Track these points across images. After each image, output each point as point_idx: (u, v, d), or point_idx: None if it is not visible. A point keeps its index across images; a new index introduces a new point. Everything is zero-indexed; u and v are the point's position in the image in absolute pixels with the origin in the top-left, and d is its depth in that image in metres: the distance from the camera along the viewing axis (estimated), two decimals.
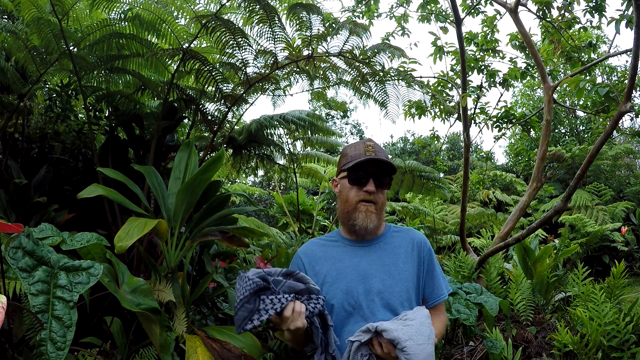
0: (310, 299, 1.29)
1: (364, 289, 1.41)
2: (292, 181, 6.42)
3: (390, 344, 1.27)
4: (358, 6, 5.39)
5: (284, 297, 1.24)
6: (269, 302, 1.22)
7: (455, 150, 16.09)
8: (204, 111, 3.47)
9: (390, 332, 1.26)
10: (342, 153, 1.57)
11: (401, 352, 1.24)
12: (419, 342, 1.26)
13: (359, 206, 1.46)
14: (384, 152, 1.53)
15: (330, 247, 1.54)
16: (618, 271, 3.61)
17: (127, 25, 2.90)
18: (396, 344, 1.25)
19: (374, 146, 1.49)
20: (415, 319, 1.32)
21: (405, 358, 1.24)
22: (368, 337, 1.30)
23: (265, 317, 1.21)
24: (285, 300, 1.23)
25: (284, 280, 1.28)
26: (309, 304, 1.28)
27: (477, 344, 3.72)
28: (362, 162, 1.44)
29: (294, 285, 1.29)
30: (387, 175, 1.49)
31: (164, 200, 2.35)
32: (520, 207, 4.51)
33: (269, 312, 1.21)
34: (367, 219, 1.45)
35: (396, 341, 1.25)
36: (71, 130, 3.62)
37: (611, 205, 9.36)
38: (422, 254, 1.52)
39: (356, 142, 1.54)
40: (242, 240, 2.50)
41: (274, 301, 1.22)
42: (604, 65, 6.56)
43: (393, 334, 1.26)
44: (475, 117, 5.15)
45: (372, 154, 1.45)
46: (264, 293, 1.23)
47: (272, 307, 1.21)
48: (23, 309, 1.59)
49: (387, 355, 1.28)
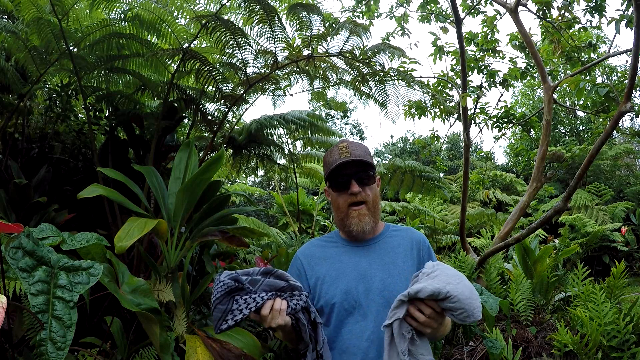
0: (292, 295, 1.28)
1: (364, 288, 1.41)
2: (292, 181, 6.42)
3: (431, 301, 1.21)
4: (358, 6, 5.39)
5: (260, 296, 1.24)
6: (243, 302, 1.22)
7: (455, 150, 16.09)
8: (204, 111, 3.47)
9: (425, 289, 1.20)
10: (323, 162, 1.56)
11: (446, 301, 1.19)
12: (457, 282, 1.21)
13: (350, 212, 1.45)
14: (362, 147, 1.50)
15: (329, 248, 1.54)
16: (618, 271, 3.61)
17: (127, 25, 2.90)
18: (437, 296, 1.19)
19: (347, 147, 1.47)
20: (437, 269, 1.27)
21: (453, 302, 1.18)
22: (404, 310, 1.24)
23: (240, 316, 1.21)
24: (261, 299, 1.23)
25: (262, 279, 1.28)
26: (291, 301, 1.27)
27: (477, 344, 3.72)
28: (336, 167, 1.44)
29: (273, 284, 1.28)
30: (368, 171, 1.47)
31: (164, 200, 2.35)
32: (520, 207, 4.51)
33: (243, 312, 1.21)
34: (362, 223, 1.45)
35: (436, 293, 1.19)
36: (71, 130, 3.62)
37: (611, 205, 9.36)
38: (422, 253, 1.51)
39: (332, 147, 1.53)
40: (242, 240, 2.50)
41: (247, 301, 1.22)
42: (604, 65, 6.56)
43: (429, 289, 1.19)
44: (475, 117, 5.15)
45: (346, 155, 1.44)
46: (237, 294, 1.24)
47: (247, 307, 1.21)
48: (23, 309, 1.59)
49: (432, 315, 1.22)
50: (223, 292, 1.23)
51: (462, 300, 1.19)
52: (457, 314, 1.20)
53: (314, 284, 1.48)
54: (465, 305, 1.19)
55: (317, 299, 1.46)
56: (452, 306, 1.19)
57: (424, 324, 1.23)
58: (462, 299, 1.19)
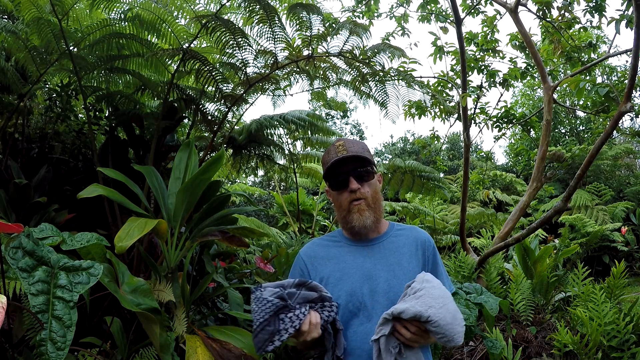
0: (324, 307, 1.28)
1: (368, 289, 1.40)
2: (292, 181, 6.42)
3: (415, 322, 1.24)
4: (358, 6, 5.39)
5: (301, 312, 1.23)
6: (288, 320, 1.21)
7: (455, 150, 16.09)
8: (204, 111, 3.47)
9: (407, 310, 1.23)
10: (321, 162, 1.56)
11: (427, 324, 1.21)
12: (440, 306, 1.23)
13: (351, 207, 1.45)
14: (358, 144, 1.50)
15: (332, 247, 1.53)
16: (618, 271, 3.62)
17: (127, 25, 2.90)
18: (419, 319, 1.22)
19: (344, 144, 1.47)
20: (424, 287, 1.29)
21: (434, 327, 1.21)
22: (390, 327, 1.26)
23: (286, 336, 1.19)
24: (302, 315, 1.22)
25: (297, 292, 1.28)
26: (323, 312, 1.27)
27: (477, 344, 3.72)
28: (332, 165, 1.44)
29: (307, 295, 1.28)
30: (366, 167, 1.46)
31: (164, 200, 2.35)
32: (520, 207, 4.51)
33: (289, 331, 1.20)
34: (362, 217, 1.44)
35: (418, 316, 1.21)
36: (71, 130, 3.62)
37: (611, 205, 9.36)
38: (427, 253, 1.50)
39: (329, 146, 1.53)
40: (242, 240, 2.50)
41: (292, 319, 1.21)
42: (604, 65, 6.56)
43: (411, 311, 1.22)
44: (475, 117, 5.15)
45: (343, 153, 1.44)
46: (282, 312, 1.23)
47: (292, 326, 1.20)
48: (23, 309, 1.59)
49: (417, 333, 1.25)
50: (271, 313, 1.21)
51: (443, 326, 1.21)
52: (438, 337, 1.23)
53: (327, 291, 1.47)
54: (446, 331, 1.22)
55: None
56: (434, 330, 1.22)
57: (410, 340, 1.26)
58: (443, 325, 1.21)
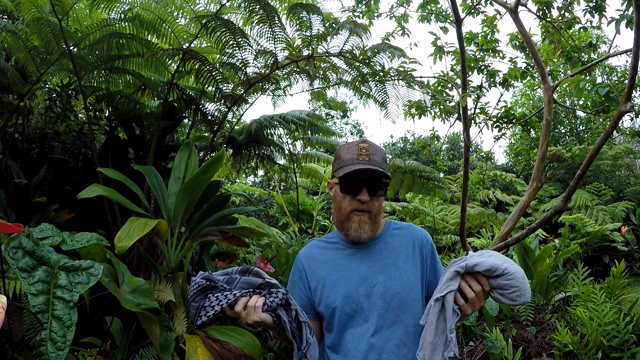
0: (270, 292, 1.33)
1: (364, 292, 1.40)
2: (292, 181, 6.42)
3: (483, 277, 1.23)
4: (358, 6, 5.38)
5: (233, 293, 1.30)
6: (215, 299, 1.29)
7: (455, 150, 16.09)
8: (204, 111, 3.47)
9: (483, 263, 1.21)
10: (336, 154, 1.50)
11: (502, 277, 1.20)
12: (511, 263, 1.23)
13: (352, 216, 1.42)
14: (381, 152, 1.45)
15: (329, 250, 1.52)
16: (618, 271, 3.62)
17: (127, 25, 2.90)
18: (494, 272, 1.20)
19: (368, 148, 1.41)
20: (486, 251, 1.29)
21: (509, 280, 1.19)
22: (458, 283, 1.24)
23: (212, 312, 1.27)
24: (233, 296, 1.29)
25: (239, 277, 1.34)
26: (269, 298, 1.32)
27: (477, 344, 3.72)
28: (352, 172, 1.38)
29: (250, 281, 1.34)
30: (382, 181, 1.42)
31: (164, 200, 2.35)
32: (520, 207, 4.51)
33: (215, 308, 1.28)
34: (360, 230, 1.41)
35: (494, 268, 1.20)
36: (71, 130, 3.62)
37: (611, 205, 9.36)
38: (425, 252, 1.48)
39: (351, 142, 1.47)
40: (242, 240, 2.50)
41: (219, 298, 1.29)
42: (604, 65, 6.55)
43: (488, 263, 1.21)
44: (475, 117, 5.14)
45: (365, 159, 1.39)
46: (211, 292, 1.31)
47: (218, 303, 1.28)
48: (23, 309, 1.59)
49: (479, 294, 1.23)
50: (196, 291, 1.31)
51: (518, 279, 1.21)
52: (509, 292, 1.21)
53: (315, 287, 1.46)
54: (520, 284, 1.21)
55: (317, 302, 1.45)
56: (507, 283, 1.20)
57: (470, 302, 1.24)
58: (518, 277, 1.21)
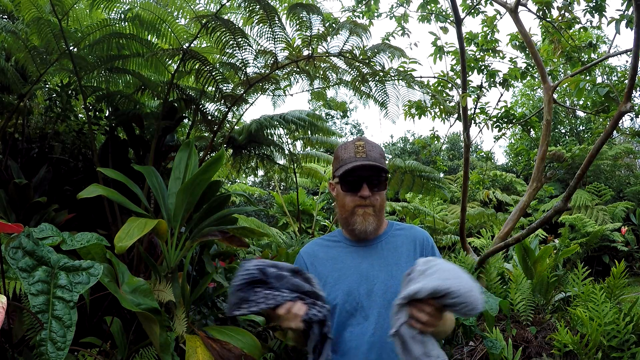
0: (315, 304, 1.24)
1: (365, 290, 1.40)
2: (292, 181, 6.42)
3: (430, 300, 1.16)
4: (358, 6, 5.39)
5: (282, 294, 1.20)
6: (262, 295, 1.19)
7: (455, 150, 16.08)
8: (204, 111, 3.47)
9: (424, 288, 1.15)
10: (335, 155, 1.53)
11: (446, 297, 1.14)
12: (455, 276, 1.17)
13: (356, 210, 1.43)
14: (377, 148, 1.48)
15: (331, 248, 1.53)
16: (618, 271, 3.61)
17: (127, 25, 2.90)
18: (437, 294, 1.14)
19: (364, 146, 1.44)
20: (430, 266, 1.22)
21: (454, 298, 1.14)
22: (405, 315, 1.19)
23: (255, 308, 1.18)
24: (281, 298, 1.19)
25: (288, 276, 1.24)
26: (312, 309, 1.23)
27: (477, 344, 3.72)
28: (351, 168, 1.40)
29: (299, 285, 1.24)
30: (382, 176, 1.44)
31: (164, 200, 2.35)
32: (520, 207, 4.51)
33: (260, 306, 1.18)
34: (366, 222, 1.43)
35: (436, 291, 1.14)
36: (71, 130, 3.62)
37: (611, 205, 9.36)
38: (425, 252, 1.49)
39: (347, 142, 1.49)
40: (242, 240, 2.50)
41: (268, 296, 1.19)
42: (604, 65, 6.56)
43: (429, 287, 1.14)
44: (475, 117, 5.14)
45: (362, 156, 1.41)
46: (259, 285, 1.20)
47: (265, 302, 1.18)
48: (23, 309, 1.59)
49: (434, 314, 1.18)
50: (245, 280, 1.19)
51: (464, 294, 1.15)
52: (459, 308, 1.17)
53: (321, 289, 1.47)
54: (467, 298, 1.16)
55: None
56: (454, 302, 1.15)
57: (427, 324, 1.20)
58: (464, 293, 1.15)
